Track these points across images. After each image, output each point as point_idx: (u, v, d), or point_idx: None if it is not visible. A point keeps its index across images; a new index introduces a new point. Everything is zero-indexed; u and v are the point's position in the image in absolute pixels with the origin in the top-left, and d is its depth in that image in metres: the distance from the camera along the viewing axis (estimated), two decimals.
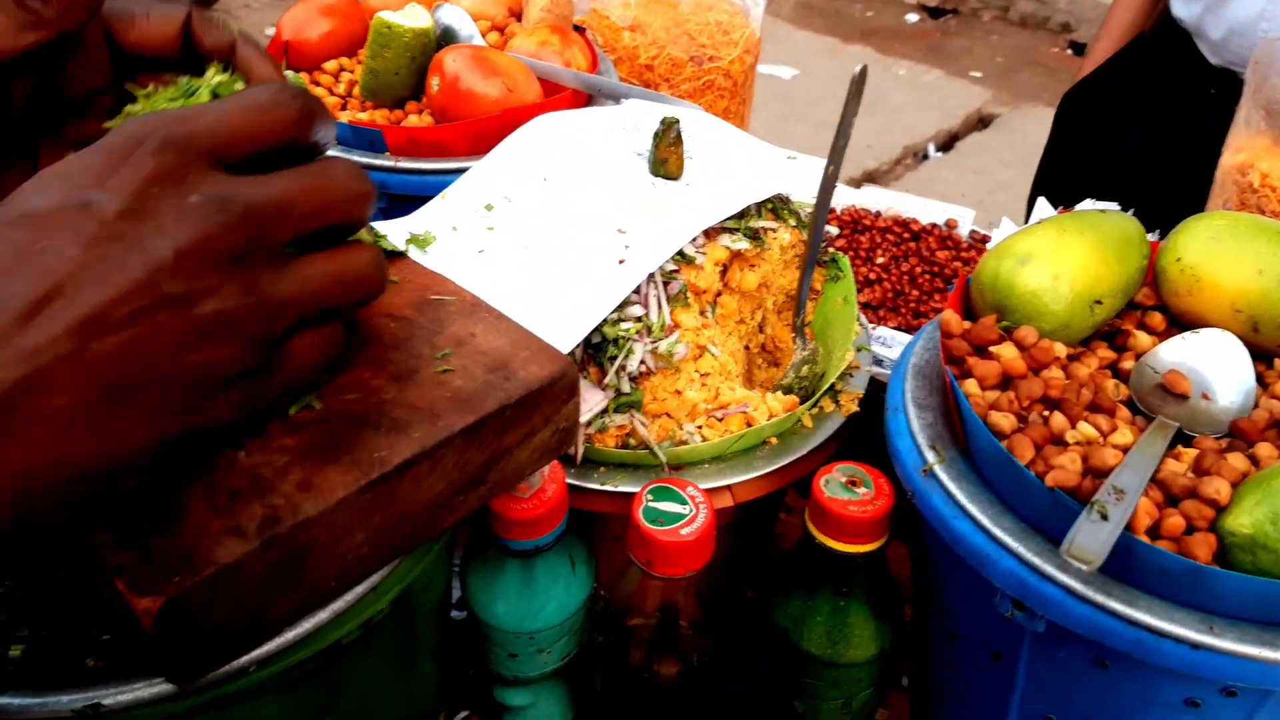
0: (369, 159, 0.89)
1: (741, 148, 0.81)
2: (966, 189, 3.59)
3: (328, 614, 0.51)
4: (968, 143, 3.97)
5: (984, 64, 4.46)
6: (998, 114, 4.12)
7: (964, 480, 0.64)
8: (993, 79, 4.35)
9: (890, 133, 3.86)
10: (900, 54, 4.47)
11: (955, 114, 4.06)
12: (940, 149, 3.91)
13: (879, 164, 3.76)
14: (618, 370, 0.69)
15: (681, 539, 0.65)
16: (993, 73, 4.40)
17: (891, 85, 4.15)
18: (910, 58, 4.46)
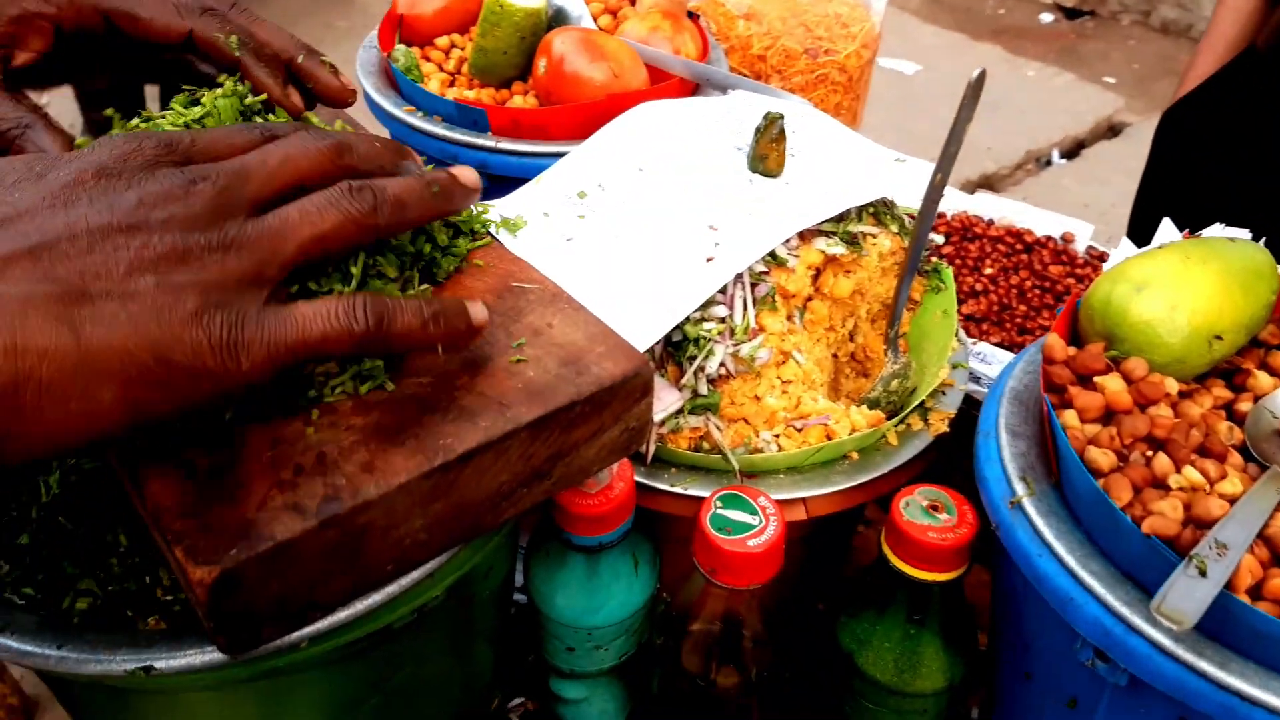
0: (471, 138, 0.89)
1: (847, 147, 0.78)
2: (1089, 199, 3.45)
3: (381, 596, 0.51)
4: (1095, 151, 3.81)
5: (1119, 70, 4.27)
6: (1129, 123, 3.94)
7: (1053, 516, 0.60)
8: (1127, 86, 4.16)
9: (1013, 135, 3.73)
10: (1030, 54, 4.31)
11: (1084, 120, 3.90)
12: (1065, 156, 3.76)
13: (998, 167, 3.63)
14: (696, 371, 0.67)
15: (749, 550, 0.63)
16: (1128, 79, 4.21)
17: (1018, 86, 4.01)
18: (1041, 59, 4.30)
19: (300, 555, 0.46)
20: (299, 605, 0.48)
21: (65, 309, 0.39)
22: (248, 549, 0.44)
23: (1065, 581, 0.57)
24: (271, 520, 0.46)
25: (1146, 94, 4.12)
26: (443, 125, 0.90)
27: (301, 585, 0.47)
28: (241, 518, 0.46)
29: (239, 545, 0.44)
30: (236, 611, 0.45)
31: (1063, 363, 0.64)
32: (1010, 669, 0.71)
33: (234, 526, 0.45)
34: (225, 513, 0.46)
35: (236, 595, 0.45)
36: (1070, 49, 4.44)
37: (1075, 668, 0.61)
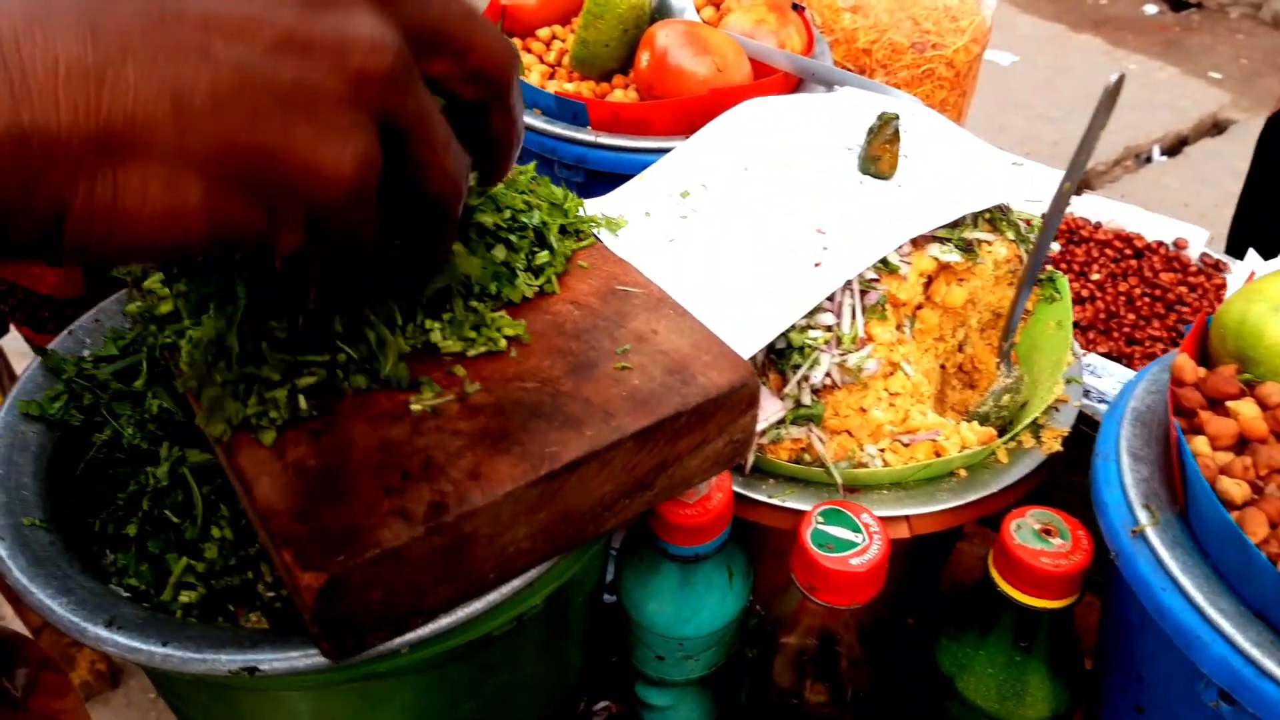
0: (570, 132, 0.87)
1: (961, 149, 0.75)
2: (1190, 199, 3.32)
3: (483, 604, 0.50)
4: (1198, 149, 3.67)
5: (1225, 65, 4.10)
6: (1235, 120, 3.78)
7: (1178, 548, 0.57)
8: (1233, 82, 4.00)
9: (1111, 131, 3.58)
10: (1132, 47, 4.17)
11: (1187, 116, 3.76)
12: (1166, 153, 3.62)
13: (1095, 163, 3.52)
14: (800, 381, 0.65)
15: (851, 569, 0.61)
16: (1234, 75, 4.05)
17: None
18: (1143, 52, 4.15)
19: (406, 562, 0.45)
20: (403, 612, 0.47)
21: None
22: (355, 555, 0.44)
23: (1191, 618, 0.54)
24: (379, 526, 0.45)
25: (1254, 90, 3.95)
26: (542, 119, 0.89)
27: (406, 592, 0.47)
28: (350, 523, 0.45)
29: (347, 551, 0.44)
30: (342, 617, 0.45)
31: (1193, 385, 0.61)
32: (1119, 701, 0.68)
33: (342, 532, 0.45)
34: (334, 517, 0.45)
35: (342, 601, 0.44)
36: (1175, 42, 4.28)
37: (1195, 706, 0.58)
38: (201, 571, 0.55)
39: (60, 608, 0.50)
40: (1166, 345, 1.08)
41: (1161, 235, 1.22)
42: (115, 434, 0.61)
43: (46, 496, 0.58)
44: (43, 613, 0.50)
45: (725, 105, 0.81)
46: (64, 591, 0.51)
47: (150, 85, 0.31)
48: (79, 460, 0.61)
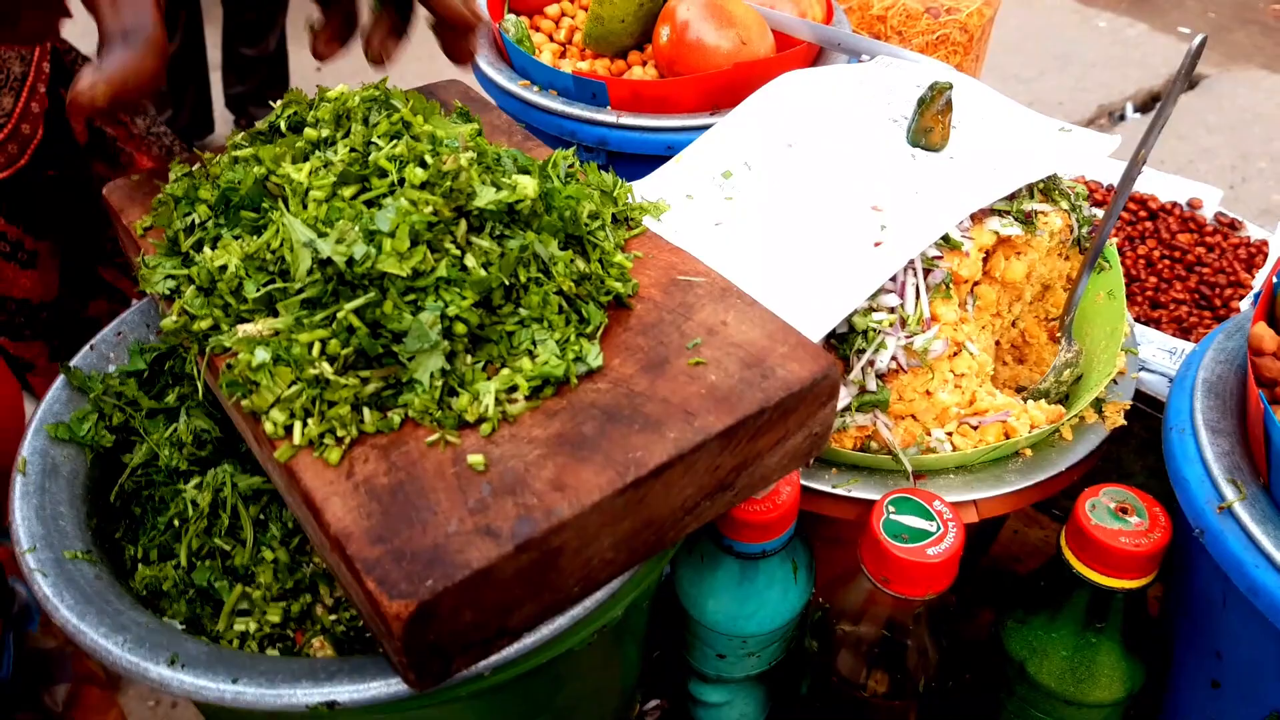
0: (590, 113, 0.84)
1: (1007, 116, 0.72)
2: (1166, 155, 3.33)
3: (567, 620, 0.48)
4: None
5: (1195, 20, 4.11)
6: (1206, 75, 3.79)
7: (1270, 523, 0.55)
8: None
9: (1085, 90, 3.61)
10: (1101, 5, 4.16)
11: (1159, 73, 3.76)
12: (1139, 110, 3.63)
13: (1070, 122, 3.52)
14: (865, 366, 0.62)
15: (928, 559, 0.59)
16: (1204, 29, 4.05)
17: (1090, 38, 3.87)
18: (1113, 9, 4.15)
19: (494, 581, 0.43)
20: (490, 633, 0.44)
21: None
22: (444, 579, 0.41)
23: None
24: (466, 546, 0.42)
25: (1223, 44, 3.96)
26: (559, 100, 0.86)
27: (494, 612, 0.44)
28: (433, 543, 0.42)
29: (435, 575, 0.41)
30: (429, 644, 0.42)
31: (1272, 354, 0.59)
32: (1193, 677, 0.67)
33: (427, 553, 0.42)
34: (416, 538, 0.42)
35: (431, 627, 0.41)
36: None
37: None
38: (257, 598, 0.52)
39: (117, 648, 0.46)
40: (1191, 308, 1.07)
41: (1175, 195, 1.21)
42: (151, 454, 0.57)
43: (85, 526, 0.54)
44: (98, 654, 0.46)
45: (750, 79, 0.78)
46: (118, 629, 0.47)
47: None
48: (113, 484, 0.58)
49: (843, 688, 0.68)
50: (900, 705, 0.68)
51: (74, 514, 0.54)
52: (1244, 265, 1.10)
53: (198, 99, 2.94)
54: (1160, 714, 0.72)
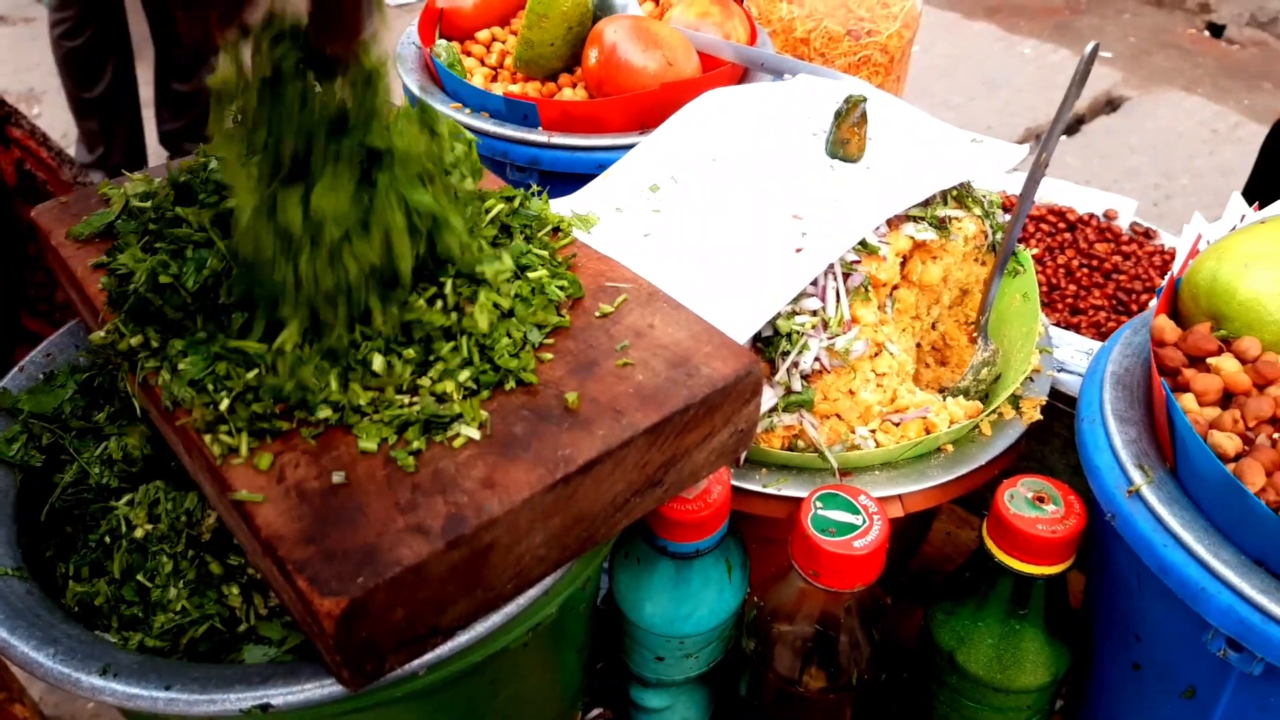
0: (522, 133, 0.86)
1: (921, 128, 0.75)
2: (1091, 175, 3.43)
3: (501, 618, 0.48)
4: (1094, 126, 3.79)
5: (1115, 44, 4.26)
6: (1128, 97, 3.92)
7: (1175, 505, 0.58)
8: (1124, 60, 4.15)
9: (1012, 114, 3.72)
10: (1026, 32, 4.30)
11: (1082, 96, 3.88)
12: (1065, 132, 3.74)
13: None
14: (790, 367, 0.64)
15: (854, 552, 0.61)
16: (1124, 53, 4.20)
17: (1016, 64, 3.99)
18: (1036, 36, 4.28)
19: (426, 579, 0.43)
20: (423, 631, 0.45)
21: None
22: (375, 575, 0.42)
23: (1195, 571, 0.55)
24: (396, 544, 0.43)
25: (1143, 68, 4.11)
26: (491, 121, 0.87)
27: (426, 610, 0.45)
28: (364, 543, 0.43)
29: (365, 572, 0.42)
30: (362, 642, 0.43)
31: (1173, 345, 0.62)
32: (1114, 660, 0.69)
33: (358, 552, 0.43)
34: (346, 538, 0.43)
35: (363, 625, 0.42)
36: (1065, 25, 4.42)
37: (1197, 658, 0.59)
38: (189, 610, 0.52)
39: (48, 659, 0.46)
40: (1108, 313, 1.11)
41: (1092, 207, 1.25)
42: (81, 473, 0.57)
43: (14, 544, 0.54)
44: (29, 667, 0.46)
45: (677, 99, 0.81)
46: (49, 642, 0.47)
47: None
48: (43, 503, 0.57)
49: (780, 685, 0.69)
50: (836, 699, 0.70)
51: (4, 532, 0.54)
52: (1159, 271, 1.15)
53: (130, 137, 2.91)
54: (1087, 697, 0.74)
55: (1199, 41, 4.34)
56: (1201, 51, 4.25)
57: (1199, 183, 3.41)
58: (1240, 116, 3.66)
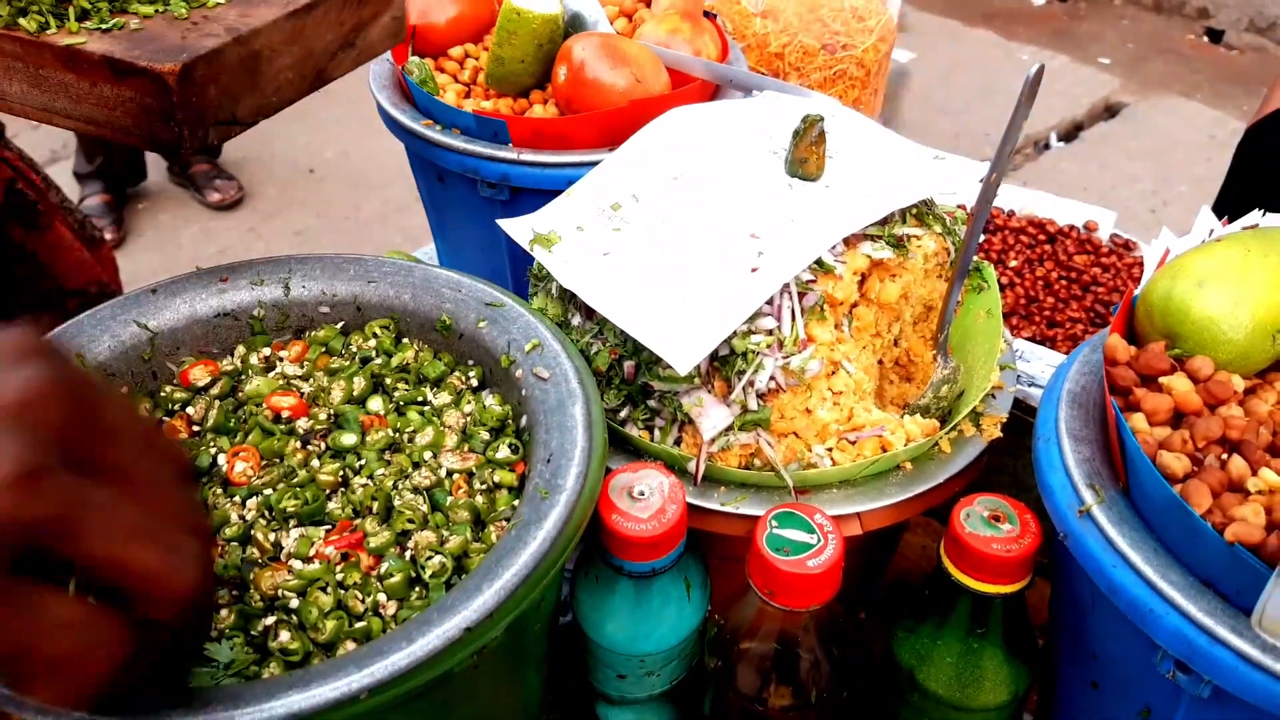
0: (492, 150, 0.86)
1: (884, 146, 0.76)
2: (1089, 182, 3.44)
3: (441, 641, 0.49)
4: (1093, 133, 3.80)
5: (1113, 50, 4.26)
6: (1126, 103, 3.93)
7: (1125, 525, 0.58)
8: (1122, 66, 4.15)
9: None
10: (1024, 38, 4.30)
11: (1080, 102, 3.89)
12: (1063, 139, 3.74)
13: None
14: (745, 386, 0.65)
15: (808, 571, 0.61)
16: (1122, 60, 4.20)
17: (1013, 71, 4.00)
18: (1035, 42, 4.29)
19: (223, 66, 0.63)
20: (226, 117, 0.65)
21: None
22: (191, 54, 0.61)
23: (1143, 592, 0.55)
24: (197, 40, 0.63)
25: (1142, 74, 4.11)
26: (461, 138, 0.88)
27: (227, 96, 0.64)
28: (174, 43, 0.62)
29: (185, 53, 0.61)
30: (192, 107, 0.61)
31: (1126, 364, 0.62)
32: (1073, 679, 0.69)
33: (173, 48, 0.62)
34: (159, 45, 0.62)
35: (190, 90, 0.60)
36: (1064, 31, 4.43)
37: (1150, 678, 0.59)
38: None
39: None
40: (1086, 326, 1.11)
41: (1072, 219, 1.26)
42: None
43: None
44: None
45: (646, 115, 0.81)
46: None
47: None
48: None
49: (743, 703, 0.70)
50: (799, 717, 0.70)
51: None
52: (1136, 283, 1.15)
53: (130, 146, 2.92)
54: (1051, 716, 0.74)
55: (1198, 47, 4.35)
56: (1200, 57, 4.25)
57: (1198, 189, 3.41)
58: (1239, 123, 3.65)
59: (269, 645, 0.53)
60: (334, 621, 0.53)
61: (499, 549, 0.54)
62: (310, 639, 0.53)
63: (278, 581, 0.55)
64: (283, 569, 0.56)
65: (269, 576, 0.55)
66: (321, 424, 0.64)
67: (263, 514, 0.58)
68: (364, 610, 0.55)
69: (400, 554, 0.57)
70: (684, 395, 0.67)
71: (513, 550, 0.53)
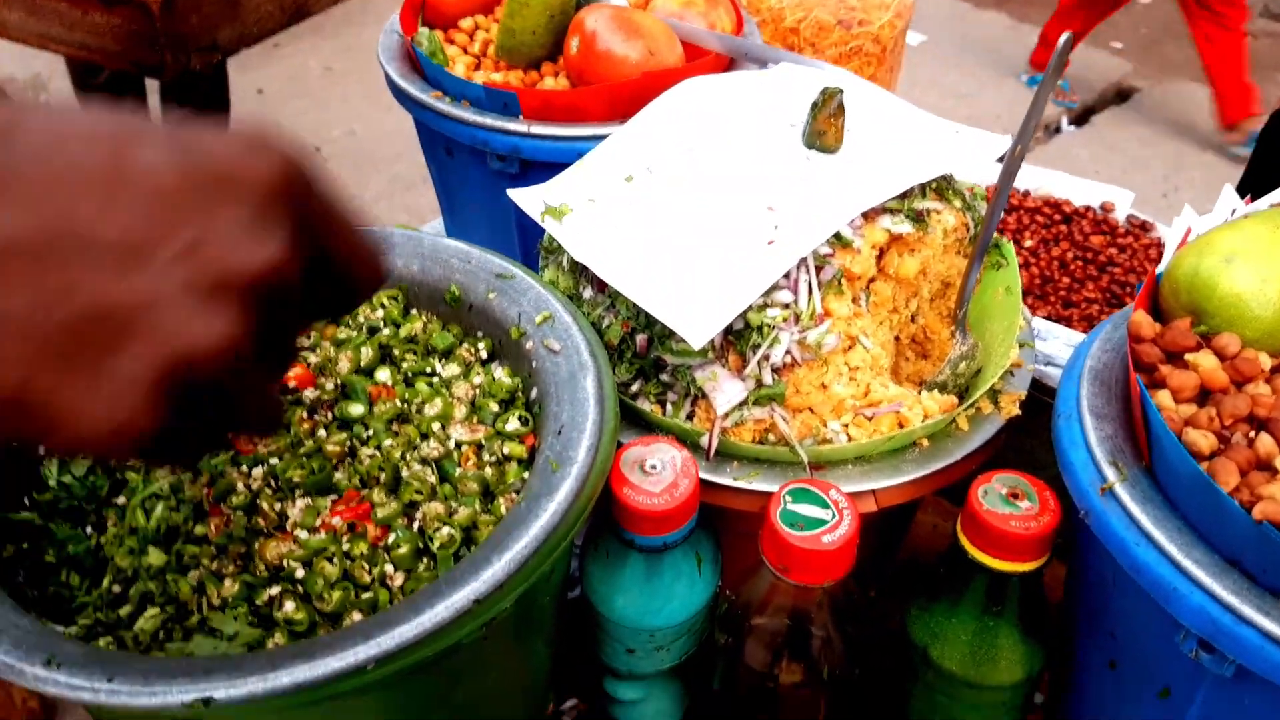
0: (502, 123, 0.85)
1: (903, 119, 0.74)
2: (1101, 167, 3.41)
3: (449, 613, 0.48)
4: (1104, 117, 3.77)
5: (1126, 35, 4.22)
6: (1138, 88, 3.89)
7: (1148, 503, 0.57)
8: (1135, 51, 4.12)
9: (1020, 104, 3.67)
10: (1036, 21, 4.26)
11: (1092, 86, 3.86)
12: (1074, 123, 3.71)
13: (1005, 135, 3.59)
14: (760, 360, 0.63)
15: (823, 547, 0.60)
16: (1135, 44, 4.17)
17: (1025, 54, 3.96)
18: None
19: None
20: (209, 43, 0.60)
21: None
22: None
23: (1167, 571, 0.54)
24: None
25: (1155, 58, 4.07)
26: (471, 110, 0.86)
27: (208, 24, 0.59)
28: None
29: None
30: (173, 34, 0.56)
31: (1151, 340, 0.61)
32: (1091, 658, 0.68)
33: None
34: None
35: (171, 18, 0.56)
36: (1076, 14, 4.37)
37: (1171, 658, 0.58)
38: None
39: None
40: (1102, 306, 1.10)
41: (1088, 199, 1.24)
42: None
43: None
44: None
45: (659, 88, 0.80)
46: None
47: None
48: None
49: (753, 679, 0.69)
50: (809, 694, 0.69)
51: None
52: (1154, 265, 1.14)
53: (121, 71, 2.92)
54: (1068, 695, 0.74)
55: None
56: None
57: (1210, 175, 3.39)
58: None
59: (274, 616, 0.52)
60: (340, 592, 0.52)
61: (509, 520, 0.53)
62: (316, 610, 0.52)
63: (283, 551, 0.54)
64: (288, 539, 0.55)
65: (274, 546, 0.54)
66: (328, 394, 0.63)
67: (268, 483, 0.57)
68: (371, 581, 0.54)
69: (408, 525, 0.56)
70: (697, 369, 0.66)
71: (523, 522, 0.52)
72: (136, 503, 0.56)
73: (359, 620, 0.51)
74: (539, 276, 0.68)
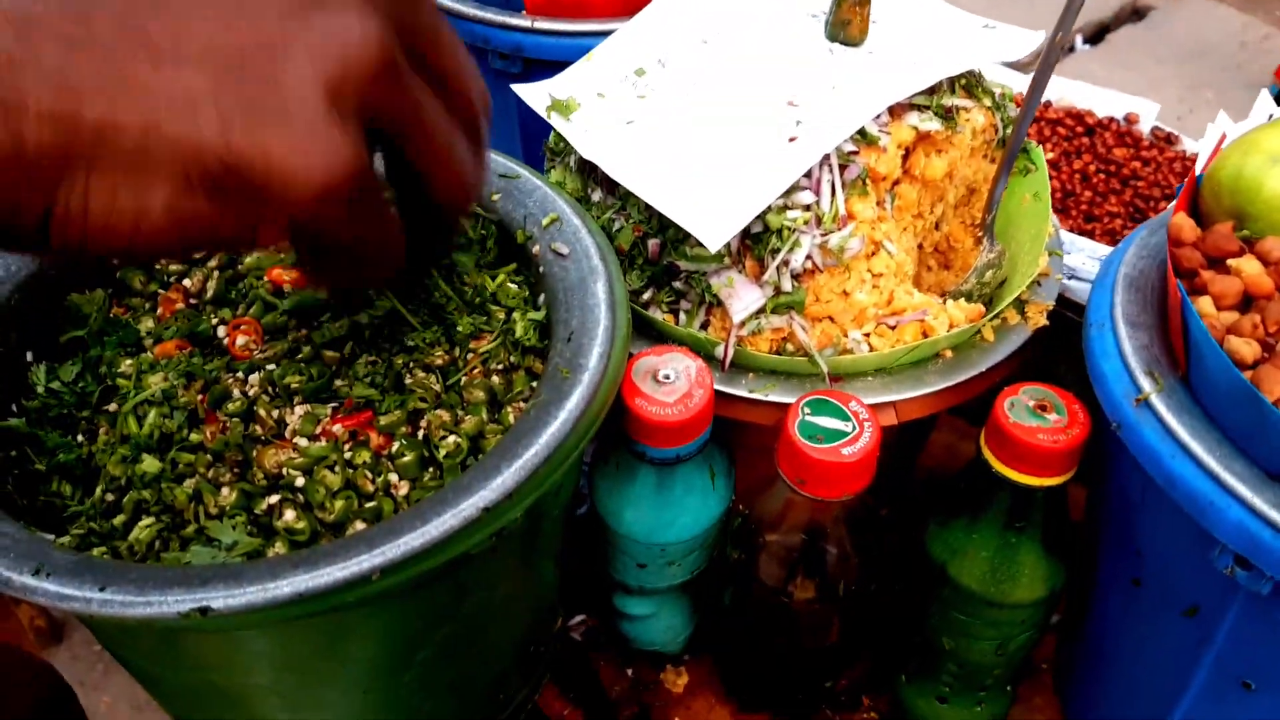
0: (505, 18, 0.81)
1: (931, 12, 0.70)
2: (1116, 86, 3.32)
3: (458, 521, 0.46)
4: (1119, 35, 3.66)
5: None
6: (1154, 6, 3.78)
7: (1185, 414, 0.54)
8: None
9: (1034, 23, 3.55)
10: None
11: (1107, 4, 3.75)
12: (1088, 41, 3.61)
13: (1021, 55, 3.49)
14: (779, 266, 0.60)
15: (842, 459, 0.58)
16: None
17: None
18: None
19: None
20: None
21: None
22: None
23: (1204, 484, 0.52)
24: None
25: None
26: (472, 4, 0.82)
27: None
28: None
29: None
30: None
31: (1192, 244, 0.58)
32: (1113, 576, 0.67)
33: None
34: None
35: None
36: None
37: (1202, 575, 0.56)
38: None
39: None
40: (1125, 221, 1.07)
41: (1111, 110, 1.20)
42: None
43: None
44: None
45: None
46: None
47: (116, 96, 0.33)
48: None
49: (766, 596, 0.67)
50: (823, 610, 0.68)
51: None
52: (1179, 178, 1.10)
53: None
54: (1084, 614, 0.72)
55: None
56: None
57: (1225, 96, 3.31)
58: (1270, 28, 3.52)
59: (274, 525, 0.50)
60: (342, 501, 0.50)
61: (518, 428, 0.50)
62: (317, 519, 0.50)
63: (282, 459, 0.52)
64: (287, 447, 0.52)
65: (272, 454, 0.52)
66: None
67: (266, 389, 0.55)
68: (374, 490, 0.51)
69: (412, 434, 0.54)
70: (713, 275, 0.62)
71: (533, 429, 0.50)
72: (128, 409, 0.53)
73: (363, 529, 0.49)
74: (545, 177, 0.65)
